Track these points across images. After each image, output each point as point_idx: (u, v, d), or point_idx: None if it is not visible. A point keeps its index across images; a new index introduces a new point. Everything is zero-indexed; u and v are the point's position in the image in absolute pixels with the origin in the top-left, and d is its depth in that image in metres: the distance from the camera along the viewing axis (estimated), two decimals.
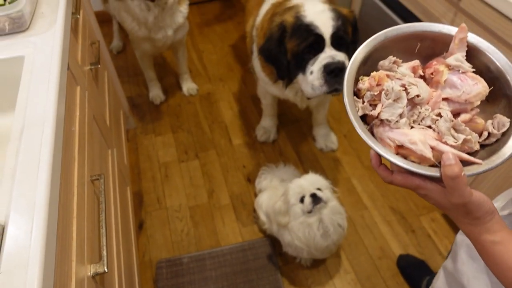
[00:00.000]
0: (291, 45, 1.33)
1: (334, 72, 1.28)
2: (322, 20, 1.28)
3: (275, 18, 1.39)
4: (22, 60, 0.96)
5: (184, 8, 1.85)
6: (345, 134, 2.11)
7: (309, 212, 1.34)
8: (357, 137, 2.11)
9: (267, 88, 1.68)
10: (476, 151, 0.54)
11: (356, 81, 0.57)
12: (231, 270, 1.59)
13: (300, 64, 1.34)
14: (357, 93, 0.58)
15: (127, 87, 2.41)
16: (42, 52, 0.98)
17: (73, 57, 1.16)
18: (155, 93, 2.30)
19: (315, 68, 1.31)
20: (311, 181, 1.36)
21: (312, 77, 1.32)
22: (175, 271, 1.58)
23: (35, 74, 0.92)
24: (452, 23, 1.41)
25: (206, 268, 1.59)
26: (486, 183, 1.42)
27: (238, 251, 1.65)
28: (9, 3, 1.05)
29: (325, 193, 1.36)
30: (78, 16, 1.29)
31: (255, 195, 1.79)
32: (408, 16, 1.68)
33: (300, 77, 1.37)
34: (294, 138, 2.11)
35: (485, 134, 0.55)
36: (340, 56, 1.29)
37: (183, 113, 2.26)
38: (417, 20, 1.59)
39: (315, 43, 1.29)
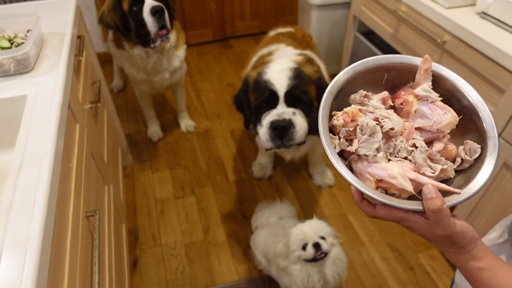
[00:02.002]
0: (253, 98, 1.42)
1: (277, 130, 1.31)
2: (278, 78, 1.34)
3: (249, 71, 1.49)
4: (25, 99, 1.00)
5: (180, 53, 1.94)
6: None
7: (309, 261, 1.32)
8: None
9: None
10: (452, 178, 0.56)
11: (330, 116, 0.58)
12: None
13: (258, 116, 1.40)
14: (332, 129, 0.59)
15: (126, 125, 2.46)
16: (44, 92, 1.02)
17: (74, 96, 1.21)
18: (154, 130, 2.34)
19: (264, 123, 1.36)
20: (315, 229, 1.33)
21: (262, 131, 1.36)
22: None
23: (36, 113, 0.95)
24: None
25: None
26: (484, 214, 1.42)
27: None
28: (16, 46, 1.11)
29: (328, 241, 1.33)
30: (81, 58, 1.35)
31: (251, 231, 1.78)
32: None
33: (258, 128, 1.41)
34: (290, 175, 2.12)
35: (459, 160, 0.56)
36: (288, 113, 1.32)
37: (181, 150, 2.29)
38: None
39: (269, 99, 1.35)
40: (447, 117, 0.56)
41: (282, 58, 1.46)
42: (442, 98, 0.59)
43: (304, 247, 1.31)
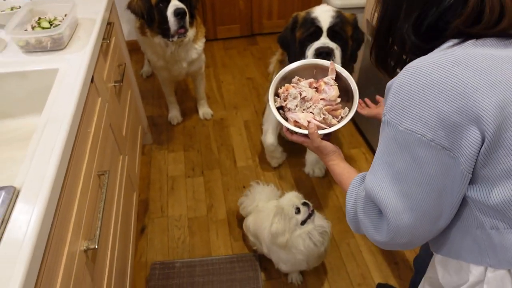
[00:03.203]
0: (299, 34, 1.69)
1: (322, 55, 1.60)
2: (324, 16, 1.64)
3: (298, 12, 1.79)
4: (56, 72, 1.20)
5: (198, 45, 2.12)
6: None
7: (304, 222, 1.48)
8: None
9: None
10: (336, 124, 1.07)
11: (278, 89, 1.15)
12: (217, 278, 1.71)
13: (303, 49, 1.67)
14: (279, 95, 1.14)
15: (150, 108, 2.68)
16: (72, 67, 1.21)
17: (99, 73, 1.40)
18: (174, 114, 2.54)
19: (309, 52, 1.63)
20: (295, 195, 1.55)
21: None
22: (167, 273, 1.72)
23: (64, 83, 1.15)
24: None
25: (195, 274, 1.72)
26: None
27: (226, 262, 1.77)
28: (54, 26, 1.32)
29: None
30: (108, 42, 1.55)
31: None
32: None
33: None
34: (294, 166, 2.25)
35: (340, 117, 1.08)
36: (331, 44, 1.63)
37: (196, 134, 2.47)
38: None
39: (314, 33, 1.64)
40: (333, 93, 1.10)
41: (322, 6, 1.72)
42: (337, 84, 1.11)
43: (297, 211, 1.48)
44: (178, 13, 1.82)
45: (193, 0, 1.96)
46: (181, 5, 1.83)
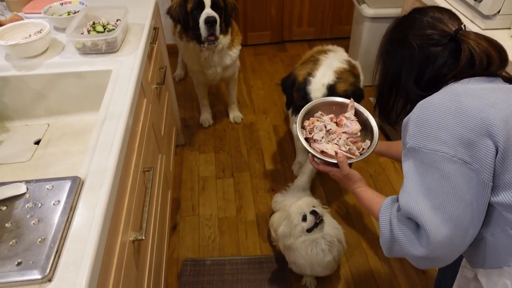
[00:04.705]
0: (295, 95, 1.77)
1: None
2: (316, 94, 1.67)
3: (301, 64, 1.80)
4: (110, 72, 1.28)
5: (233, 52, 2.21)
6: (371, 174, 2.25)
7: (311, 230, 1.50)
8: (382, 178, 2.24)
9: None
10: (358, 155, 1.19)
11: (303, 122, 1.28)
12: (246, 277, 1.75)
13: (296, 109, 1.77)
14: (304, 127, 1.26)
15: (182, 110, 2.76)
16: (125, 68, 1.30)
17: (145, 75, 1.48)
18: (205, 117, 2.62)
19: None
20: (307, 202, 1.57)
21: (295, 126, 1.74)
22: (197, 270, 1.78)
23: (117, 83, 1.23)
24: None
25: (225, 272, 1.77)
26: None
27: (255, 262, 1.81)
28: (107, 31, 1.41)
29: (319, 209, 1.55)
30: (154, 45, 1.63)
31: None
32: None
33: (294, 118, 1.77)
34: (323, 174, 2.28)
35: (362, 148, 1.21)
36: None
37: (227, 137, 2.54)
38: None
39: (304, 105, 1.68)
40: (355, 127, 1.23)
41: (327, 68, 1.72)
42: (357, 119, 1.26)
43: (304, 219, 1.50)
44: (208, 21, 1.94)
45: (228, 9, 2.04)
46: (212, 14, 1.93)
